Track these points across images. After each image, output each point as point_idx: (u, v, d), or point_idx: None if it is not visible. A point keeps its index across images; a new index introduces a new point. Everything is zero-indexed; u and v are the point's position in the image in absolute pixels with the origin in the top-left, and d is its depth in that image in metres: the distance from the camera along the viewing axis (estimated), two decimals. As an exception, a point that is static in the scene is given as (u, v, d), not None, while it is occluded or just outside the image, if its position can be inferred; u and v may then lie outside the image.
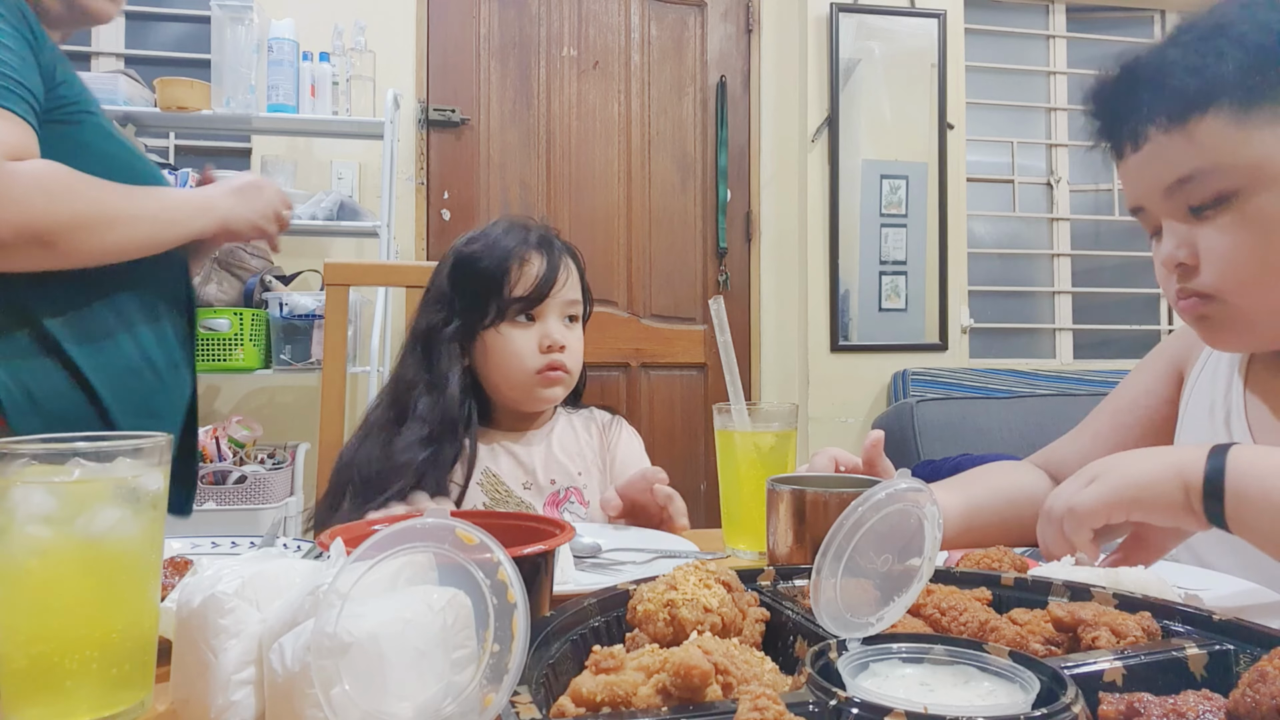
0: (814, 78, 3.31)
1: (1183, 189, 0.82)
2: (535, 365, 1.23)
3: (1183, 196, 0.83)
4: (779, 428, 1.01)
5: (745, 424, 1.01)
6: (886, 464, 0.97)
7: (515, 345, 1.24)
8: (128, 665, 0.52)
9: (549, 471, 1.27)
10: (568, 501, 1.26)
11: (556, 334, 1.25)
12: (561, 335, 1.26)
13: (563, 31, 3.23)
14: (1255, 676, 0.41)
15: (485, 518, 0.75)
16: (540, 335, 1.24)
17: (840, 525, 0.48)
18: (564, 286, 1.27)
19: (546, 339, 1.24)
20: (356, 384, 2.68)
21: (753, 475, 0.99)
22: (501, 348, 1.24)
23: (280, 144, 2.94)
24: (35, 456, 0.51)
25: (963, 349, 3.41)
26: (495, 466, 1.25)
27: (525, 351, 1.24)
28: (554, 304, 1.26)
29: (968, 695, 0.43)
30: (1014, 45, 3.69)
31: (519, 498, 1.24)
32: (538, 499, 1.24)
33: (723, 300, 1.12)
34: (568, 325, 1.29)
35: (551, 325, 1.26)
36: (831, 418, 3.28)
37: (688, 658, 0.42)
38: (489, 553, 0.40)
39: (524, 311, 1.24)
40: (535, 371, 1.24)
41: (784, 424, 1.02)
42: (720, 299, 1.13)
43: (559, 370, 1.25)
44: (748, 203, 3.42)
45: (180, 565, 0.68)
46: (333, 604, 0.39)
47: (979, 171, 3.57)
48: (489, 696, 0.38)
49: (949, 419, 2.94)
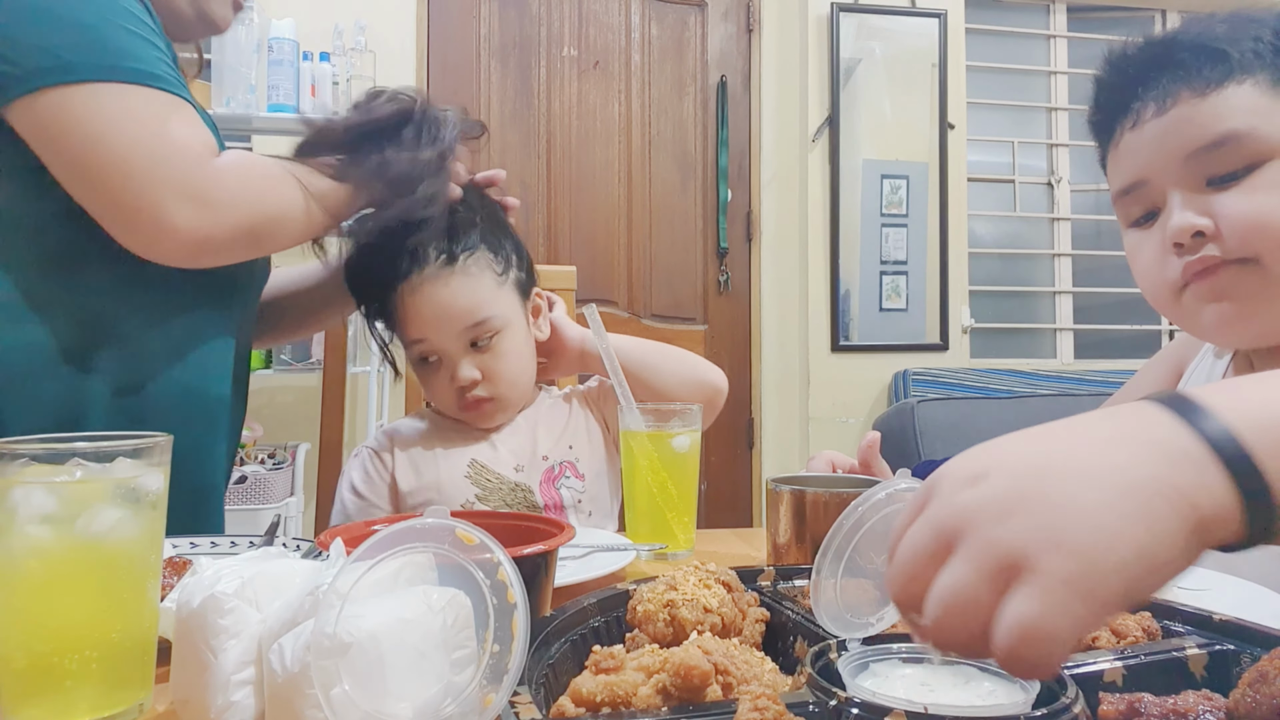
0: (814, 77, 3.31)
1: (1209, 155, 0.80)
2: (454, 403, 1.14)
3: (1206, 164, 0.81)
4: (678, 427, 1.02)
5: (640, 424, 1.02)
6: (883, 465, 0.97)
7: (429, 386, 1.16)
8: (127, 665, 0.52)
9: (540, 449, 1.20)
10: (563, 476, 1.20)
11: (464, 372, 1.11)
12: (472, 370, 1.11)
13: (563, 31, 3.23)
14: (1255, 676, 0.41)
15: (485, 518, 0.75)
16: (450, 375, 1.12)
17: (840, 525, 0.48)
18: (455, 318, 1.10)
19: (455, 380, 1.11)
20: (356, 384, 2.68)
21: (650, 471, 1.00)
22: (423, 383, 1.17)
23: (281, 144, 2.94)
24: (35, 457, 0.51)
25: (963, 349, 3.40)
26: (481, 456, 1.18)
27: (440, 392, 1.15)
28: (450, 341, 1.11)
29: (968, 695, 0.43)
30: (1015, 45, 3.69)
31: (512, 481, 1.17)
32: (532, 477, 1.18)
33: (595, 307, 1.11)
34: (483, 350, 1.12)
35: (458, 365, 1.11)
36: (832, 418, 3.28)
37: (688, 658, 0.42)
38: (489, 553, 0.40)
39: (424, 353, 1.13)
40: (461, 409, 1.15)
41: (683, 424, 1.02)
42: (593, 306, 1.11)
43: (482, 404, 1.14)
44: (748, 202, 3.42)
45: (180, 565, 0.68)
46: (333, 604, 0.39)
47: (980, 171, 3.57)
48: (489, 697, 0.38)
49: (950, 419, 2.94)
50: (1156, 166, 0.84)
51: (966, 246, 3.43)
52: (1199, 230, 0.80)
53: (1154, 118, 0.83)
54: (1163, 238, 0.83)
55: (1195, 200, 0.81)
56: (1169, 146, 0.82)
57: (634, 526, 1.02)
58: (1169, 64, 0.83)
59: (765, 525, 0.83)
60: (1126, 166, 0.87)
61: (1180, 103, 0.82)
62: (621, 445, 1.04)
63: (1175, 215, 0.82)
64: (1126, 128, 0.86)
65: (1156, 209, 0.86)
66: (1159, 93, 0.83)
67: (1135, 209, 0.88)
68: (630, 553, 0.89)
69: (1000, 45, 3.65)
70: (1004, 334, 3.59)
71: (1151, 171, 0.84)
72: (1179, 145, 0.82)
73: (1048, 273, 3.68)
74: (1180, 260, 0.82)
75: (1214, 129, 0.80)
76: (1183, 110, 0.81)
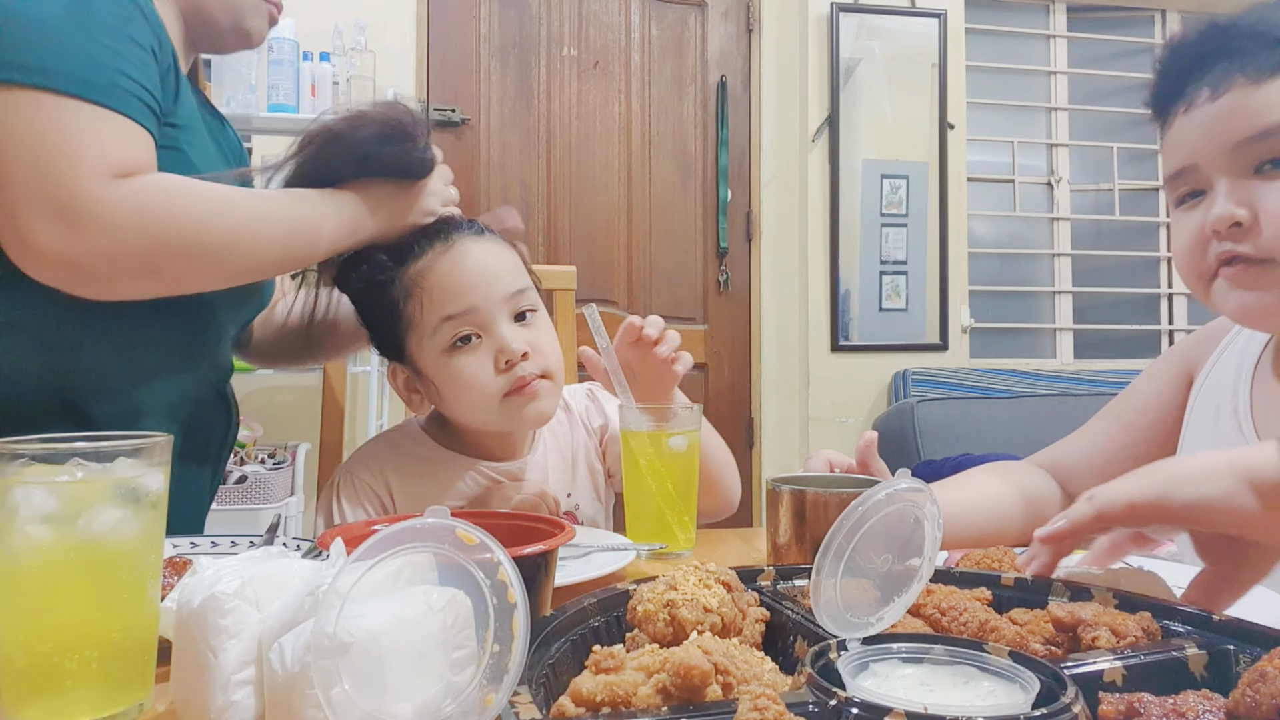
0: (814, 77, 3.31)
1: (1258, 144, 0.80)
2: (499, 389, 0.98)
3: (1255, 152, 0.81)
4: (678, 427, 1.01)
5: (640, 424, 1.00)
6: (880, 465, 0.96)
7: (464, 376, 0.98)
8: (127, 665, 0.52)
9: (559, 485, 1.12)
10: None
11: (513, 343, 0.97)
12: (520, 341, 0.98)
13: (563, 31, 3.23)
14: (1255, 676, 0.41)
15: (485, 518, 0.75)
16: (492, 352, 0.98)
17: (840, 525, 0.48)
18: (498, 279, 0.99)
19: (502, 354, 0.97)
20: (357, 384, 2.68)
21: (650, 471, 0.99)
22: (451, 383, 0.99)
23: (281, 144, 2.93)
24: (35, 457, 0.51)
25: (963, 349, 3.41)
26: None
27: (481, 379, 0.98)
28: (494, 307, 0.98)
29: (968, 695, 0.43)
30: (1015, 45, 3.69)
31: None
32: None
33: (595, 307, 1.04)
34: (523, 323, 1.01)
35: (503, 334, 0.98)
36: (831, 418, 3.28)
37: (688, 658, 0.42)
38: (489, 553, 0.40)
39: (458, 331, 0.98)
40: (502, 396, 0.98)
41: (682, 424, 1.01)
42: (593, 306, 1.04)
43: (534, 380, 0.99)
44: (748, 202, 3.42)
45: (180, 565, 0.68)
46: (333, 604, 0.39)
47: (979, 171, 3.57)
48: (489, 697, 0.38)
49: (949, 419, 2.94)
50: (1205, 152, 0.84)
51: (966, 246, 3.43)
52: (1237, 221, 0.81)
53: (1206, 102, 0.84)
54: (1204, 221, 0.84)
55: (1240, 188, 0.82)
56: (1219, 132, 0.83)
57: (634, 526, 1.01)
58: (1226, 50, 0.83)
59: (765, 525, 0.83)
60: (1177, 150, 0.87)
61: (1234, 89, 0.82)
62: (621, 445, 1.03)
63: (1218, 204, 0.82)
64: (1180, 112, 0.86)
65: (1203, 190, 0.86)
66: (1214, 78, 0.83)
67: (1183, 189, 0.88)
68: (630, 553, 0.89)
69: (1000, 45, 3.65)
70: (1004, 334, 3.59)
71: (1200, 156, 0.84)
72: (1229, 131, 0.82)
73: (1047, 272, 3.68)
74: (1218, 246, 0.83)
75: (1265, 118, 0.80)
76: (1235, 97, 0.81)
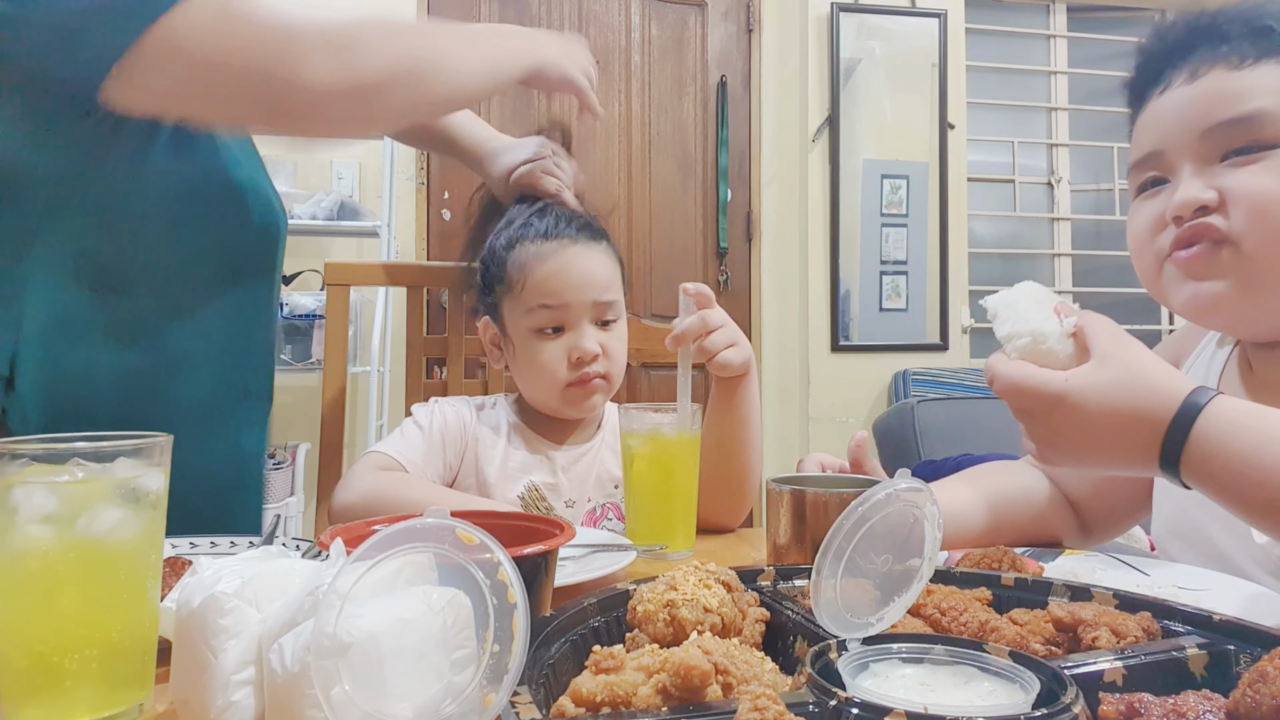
0: (814, 77, 3.31)
1: (1230, 130, 0.79)
2: (564, 378, 1.11)
3: (1225, 139, 0.79)
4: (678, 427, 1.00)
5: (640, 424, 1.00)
6: (874, 464, 0.96)
7: (541, 357, 1.12)
8: (127, 665, 0.52)
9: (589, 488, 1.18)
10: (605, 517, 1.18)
11: (588, 343, 1.10)
12: (595, 343, 1.11)
13: (563, 31, 3.23)
14: (1255, 676, 0.41)
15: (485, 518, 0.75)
16: (569, 347, 1.11)
17: (840, 525, 0.48)
18: (594, 286, 1.12)
19: (576, 350, 1.10)
20: (357, 384, 2.68)
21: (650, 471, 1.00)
22: (528, 359, 1.13)
23: (280, 143, 2.94)
24: (35, 456, 0.51)
25: (963, 349, 3.41)
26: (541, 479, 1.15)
27: (552, 366, 1.11)
28: (583, 310, 1.11)
29: (968, 695, 0.43)
30: (1015, 45, 3.69)
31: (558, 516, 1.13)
32: (577, 514, 1.16)
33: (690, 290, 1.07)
34: (604, 329, 1.14)
35: (583, 334, 1.11)
36: (832, 418, 3.28)
37: (688, 658, 0.42)
38: (489, 553, 0.40)
39: (548, 322, 1.11)
40: (565, 385, 1.12)
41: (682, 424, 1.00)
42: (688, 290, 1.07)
43: (595, 379, 1.12)
44: (748, 203, 3.42)
45: (180, 565, 0.68)
46: (333, 604, 0.39)
47: (980, 171, 3.57)
48: (489, 697, 0.38)
49: (950, 419, 2.94)
50: (1175, 135, 0.82)
51: (966, 246, 3.43)
52: (1203, 205, 0.79)
53: (1183, 84, 0.82)
54: (1163, 208, 0.82)
55: (1205, 174, 0.80)
56: (1192, 115, 0.81)
57: (634, 526, 1.01)
58: (1210, 35, 0.82)
59: (765, 525, 0.83)
60: (1147, 134, 0.86)
61: (1212, 73, 0.80)
62: (621, 445, 1.03)
63: (1182, 189, 0.80)
64: (1155, 94, 0.85)
65: (1164, 178, 0.84)
66: (1194, 61, 0.82)
67: (1146, 175, 0.87)
68: (630, 553, 0.89)
69: (1000, 45, 3.65)
70: (1004, 334, 3.58)
71: (1169, 142, 0.83)
72: (1202, 115, 0.80)
73: (1048, 272, 3.68)
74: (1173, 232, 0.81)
75: (1241, 104, 0.79)
76: (1213, 80, 0.80)
